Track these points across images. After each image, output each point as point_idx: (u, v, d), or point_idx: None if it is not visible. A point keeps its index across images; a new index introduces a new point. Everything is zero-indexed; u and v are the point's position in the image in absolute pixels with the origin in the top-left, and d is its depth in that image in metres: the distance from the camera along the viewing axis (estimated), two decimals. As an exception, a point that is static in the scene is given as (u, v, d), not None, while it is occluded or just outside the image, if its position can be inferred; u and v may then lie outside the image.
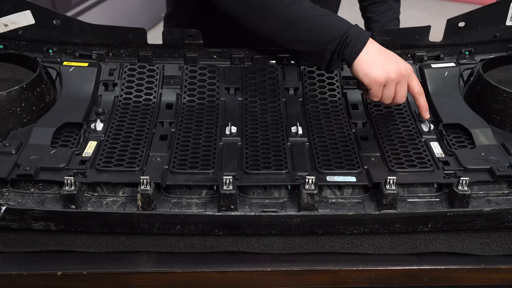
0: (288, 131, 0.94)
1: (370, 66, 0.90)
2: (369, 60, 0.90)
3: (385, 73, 0.90)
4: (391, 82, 0.90)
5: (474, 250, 0.78)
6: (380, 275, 0.76)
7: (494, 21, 1.08)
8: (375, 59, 0.90)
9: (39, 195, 0.79)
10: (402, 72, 0.90)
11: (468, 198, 0.78)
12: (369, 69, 0.90)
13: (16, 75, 1.02)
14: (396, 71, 0.90)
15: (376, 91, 0.91)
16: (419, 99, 0.94)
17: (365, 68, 0.90)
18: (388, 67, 0.90)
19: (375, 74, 0.90)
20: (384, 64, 0.90)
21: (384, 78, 0.90)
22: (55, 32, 1.04)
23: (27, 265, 0.75)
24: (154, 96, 1.02)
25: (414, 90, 0.94)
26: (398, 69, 0.90)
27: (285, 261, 0.77)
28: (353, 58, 0.91)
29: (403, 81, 0.91)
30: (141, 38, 1.05)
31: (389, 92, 0.92)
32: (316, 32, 0.92)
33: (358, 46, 0.90)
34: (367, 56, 0.90)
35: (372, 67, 0.90)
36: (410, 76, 0.93)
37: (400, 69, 0.90)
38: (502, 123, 0.94)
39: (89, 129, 0.92)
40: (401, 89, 0.92)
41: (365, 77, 0.91)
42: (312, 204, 0.77)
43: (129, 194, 0.80)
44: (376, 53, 0.91)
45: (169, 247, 0.78)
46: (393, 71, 0.90)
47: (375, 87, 0.91)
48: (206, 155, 0.87)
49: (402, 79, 0.91)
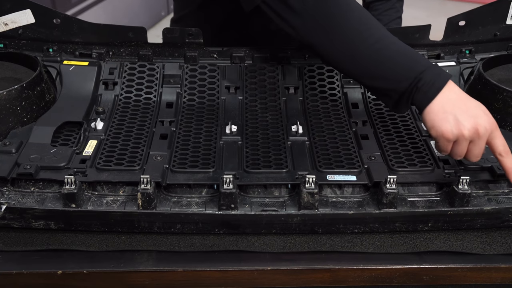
0: (289, 130, 0.94)
1: (440, 118, 0.79)
2: (440, 112, 0.79)
3: (457, 129, 0.78)
4: (462, 139, 0.78)
5: (475, 249, 0.78)
6: (380, 274, 0.76)
7: (495, 20, 1.08)
8: (448, 111, 0.79)
9: (39, 194, 0.79)
10: (479, 130, 0.77)
11: (469, 197, 0.78)
12: (439, 122, 0.79)
13: (16, 74, 1.02)
14: (471, 129, 0.77)
15: (443, 146, 0.81)
16: (502, 161, 0.80)
17: (434, 120, 0.79)
18: (463, 122, 0.78)
19: (444, 128, 0.78)
20: (459, 118, 0.78)
21: (454, 135, 0.78)
22: (55, 31, 1.04)
23: (27, 264, 0.75)
24: (154, 95, 1.02)
25: (495, 150, 0.80)
26: (474, 126, 0.77)
27: (285, 260, 0.77)
28: (424, 106, 0.80)
29: (479, 140, 0.78)
30: (141, 37, 1.05)
31: (459, 150, 0.80)
32: (385, 68, 0.83)
33: (431, 93, 0.79)
34: (439, 107, 0.79)
35: (442, 120, 0.79)
36: (492, 134, 0.79)
37: (477, 126, 0.77)
38: (502, 122, 0.94)
39: (89, 128, 0.92)
40: (475, 148, 0.79)
41: (432, 129, 0.80)
42: (312, 203, 0.77)
43: (129, 193, 0.80)
44: (452, 103, 0.79)
45: (169, 246, 0.78)
46: (467, 128, 0.77)
47: (442, 142, 0.80)
48: (206, 154, 0.87)
49: (477, 138, 0.78)
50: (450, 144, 0.80)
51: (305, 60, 1.08)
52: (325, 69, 1.07)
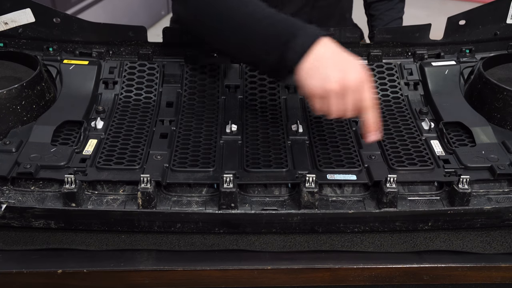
0: (289, 129, 0.94)
1: (309, 75, 0.77)
2: (310, 68, 0.77)
3: (323, 84, 0.76)
4: (331, 94, 0.77)
5: (475, 248, 0.78)
6: (381, 273, 0.76)
7: (495, 19, 1.08)
8: (318, 66, 0.77)
9: (39, 193, 0.79)
10: (346, 84, 0.76)
11: (469, 197, 0.78)
12: (307, 79, 0.77)
13: (16, 73, 1.02)
14: (339, 83, 0.76)
15: (314, 104, 0.79)
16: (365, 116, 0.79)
17: (303, 77, 0.78)
18: (330, 76, 0.76)
19: (310, 83, 0.77)
20: (327, 72, 0.76)
21: (321, 90, 0.77)
22: (55, 30, 1.04)
23: (27, 263, 0.75)
24: (155, 94, 1.02)
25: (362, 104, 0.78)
26: (341, 80, 0.76)
27: (285, 259, 0.77)
28: (295, 64, 0.78)
29: (347, 95, 0.77)
30: (141, 36, 1.05)
31: (329, 106, 0.78)
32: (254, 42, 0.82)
33: (301, 51, 0.77)
34: (309, 63, 0.77)
35: (311, 77, 0.77)
36: (361, 89, 0.78)
37: (344, 80, 0.76)
38: (502, 121, 0.94)
39: (90, 127, 0.92)
40: (344, 102, 0.78)
41: (301, 87, 0.79)
42: (312, 202, 0.77)
43: (129, 192, 0.80)
44: (323, 59, 0.77)
45: (169, 245, 0.78)
46: (334, 81, 0.76)
47: (312, 99, 0.79)
48: (206, 153, 0.87)
49: (345, 92, 0.77)
50: (321, 101, 0.78)
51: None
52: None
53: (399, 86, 1.05)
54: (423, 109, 0.99)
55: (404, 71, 1.07)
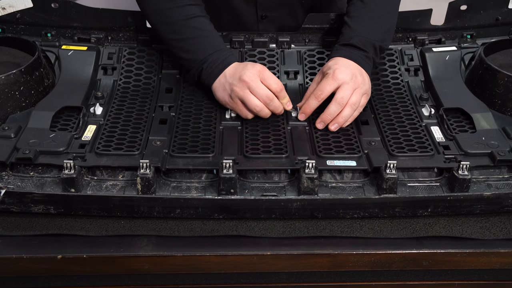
0: (288, 115, 0.94)
1: (220, 90, 0.93)
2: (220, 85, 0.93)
3: (229, 90, 0.91)
4: (240, 96, 0.90)
5: (474, 234, 0.78)
6: (380, 259, 0.77)
7: (496, 5, 1.07)
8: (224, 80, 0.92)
9: (38, 179, 0.79)
10: (244, 79, 0.89)
11: (468, 183, 0.78)
12: (218, 93, 0.94)
13: (14, 58, 1.01)
14: (239, 82, 0.90)
15: (240, 112, 0.92)
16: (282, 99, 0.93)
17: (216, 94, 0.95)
18: (232, 82, 0.91)
19: (220, 95, 0.93)
20: (229, 80, 0.91)
21: (229, 96, 0.92)
22: (54, 16, 1.03)
23: (27, 248, 0.75)
24: (154, 80, 1.02)
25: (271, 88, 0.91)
26: (240, 80, 0.89)
27: (285, 245, 0.77)
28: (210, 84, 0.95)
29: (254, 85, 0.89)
30: (140, 22, 1.05)
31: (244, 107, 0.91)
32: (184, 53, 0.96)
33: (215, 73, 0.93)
34: (220, 82, 0.93)
35: (220, 90, 0.93)
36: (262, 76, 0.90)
37: (241, 78, 0.89)
38: (503, 107, 0.94)
39: (88, 113, 0.92)
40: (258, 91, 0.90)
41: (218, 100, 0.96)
42: (312, 188, 0.77)
43: (128, 178, 0.80)
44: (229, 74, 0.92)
45: (169, 231, 0.78)
46: (234, 84, 0.90)
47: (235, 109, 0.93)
48: (206, 139, 0.87)
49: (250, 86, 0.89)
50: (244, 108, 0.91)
51: (305, 45, 1.08)
52: (325, 54, 1.06)
53: (399, 72, 1.05)
54: (423, 95, 0.99)
55: (404, 57, 1.06)
